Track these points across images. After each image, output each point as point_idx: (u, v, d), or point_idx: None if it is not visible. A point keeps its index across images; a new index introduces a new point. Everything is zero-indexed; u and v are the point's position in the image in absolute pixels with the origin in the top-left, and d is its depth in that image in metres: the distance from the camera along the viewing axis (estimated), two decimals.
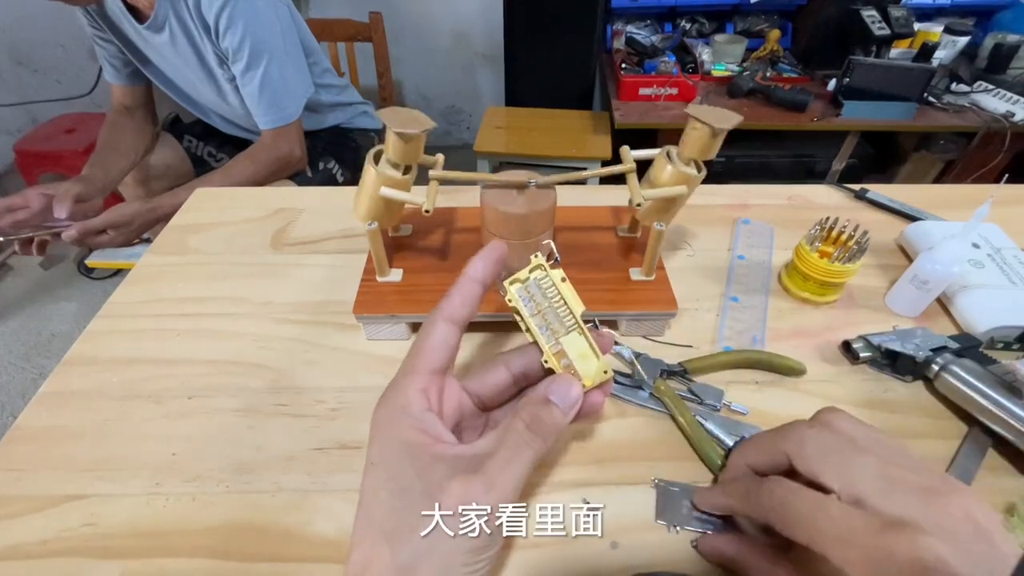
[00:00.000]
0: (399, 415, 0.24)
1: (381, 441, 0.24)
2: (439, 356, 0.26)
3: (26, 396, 1.38)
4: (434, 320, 0.26)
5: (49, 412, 0.44)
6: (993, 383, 0.39)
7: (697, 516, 0.35)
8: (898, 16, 1.40)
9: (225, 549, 0.35)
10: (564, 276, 0.26)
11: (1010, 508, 0.36)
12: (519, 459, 0.23)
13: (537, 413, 0.24)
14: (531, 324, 0.27)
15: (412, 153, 0.40)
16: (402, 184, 0.42)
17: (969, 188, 0.70)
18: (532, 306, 0.27)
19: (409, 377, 0.25)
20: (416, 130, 0.38)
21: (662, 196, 0.43)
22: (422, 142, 0.40)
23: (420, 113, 0.39)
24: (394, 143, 0.39)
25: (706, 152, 0.41)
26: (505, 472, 0.23)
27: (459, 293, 0.26)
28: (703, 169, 0.43)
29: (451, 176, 0.43)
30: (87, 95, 1.68)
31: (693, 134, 0.40)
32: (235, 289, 0.55)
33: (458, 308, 0.26)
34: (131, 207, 0.89)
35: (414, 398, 0.24)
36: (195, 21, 0.90)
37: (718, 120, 0.38)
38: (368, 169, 0.41)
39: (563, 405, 0.24)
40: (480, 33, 1.99)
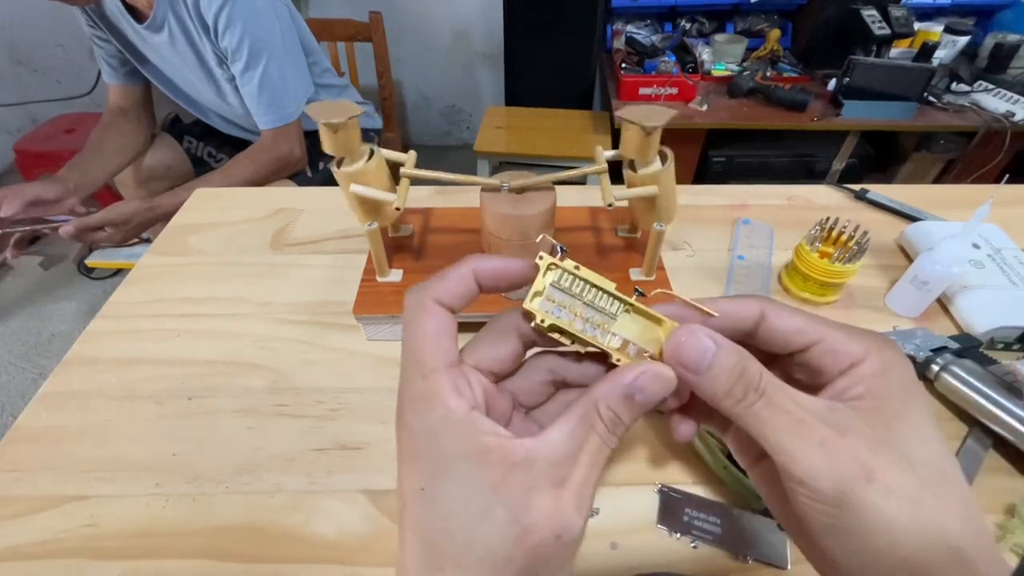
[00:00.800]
0: (445, 427, 0.19)
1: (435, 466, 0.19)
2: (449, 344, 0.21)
3: (26, 396, 1.38)
4: (421, 305, 0.21)
5: (49, 412, 0.44)
6: (993, 383, 0.39)
7: (698, 524, 0.36)
8: (898, 16, 1.40)
9: (225, 549, 0.35)
10: (576, 264, 0.22)
11: (1010, 508, 0.36)
12: (598, 464, 0.20)
13: (620, 410, 0.20)
14: (579, 334, 0.22)
15: (346, 143, 0.40)
16: (366, 175, 0.42)
17: (969, 188, 0.70)
18: (567, 313, 0.22)
19: (432, 379, 0.20)
20: (342, 118, 0.38)
21: (635, 196, 0.43)
22: (353, 130, 0.40)
23: (348, 102, 0.39)
24: (325, 135, 0.39)
25: (645, 151, 0.40)
26: (589, 481, 0.20)
27: (454, 279, 0.22)
28: (668, 157, 0.42)
29: (422, 175, 0.43)
30: (87, 95, 1.68)
31: (627, 135, 0.40)
32: (235, 289, 0.55)
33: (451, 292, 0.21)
34: (130, 205, 0.88)
35: (453, 401, 0.19)
36: (194, 21, 0.90)
37: (648, 119, 0.38)
38: (335, 174, 0.42)
39: (645, 398, 0.20)
40: (480, 33, 1.99)
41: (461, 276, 0.22)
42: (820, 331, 0.20)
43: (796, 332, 0.20)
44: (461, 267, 0.22)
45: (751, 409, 0.19)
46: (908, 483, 0.17)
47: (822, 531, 0.18)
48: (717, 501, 0.37)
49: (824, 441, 0.18)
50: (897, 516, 0.17)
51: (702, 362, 0.19)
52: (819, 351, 0.20)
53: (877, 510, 0.17)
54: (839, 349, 0.20)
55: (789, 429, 0.18)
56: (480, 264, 0.22)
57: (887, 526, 0.17)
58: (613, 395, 0.20)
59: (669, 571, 0.34)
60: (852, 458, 0.18)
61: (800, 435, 0.18)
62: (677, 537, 0.35)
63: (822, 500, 0.18)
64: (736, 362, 0.19)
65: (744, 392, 0.19)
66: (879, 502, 0.17)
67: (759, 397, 0.19)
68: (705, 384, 0.20)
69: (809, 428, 0.18)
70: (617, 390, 0.20)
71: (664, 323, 0.22)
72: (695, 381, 0.20)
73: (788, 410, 0.19)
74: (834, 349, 0.20)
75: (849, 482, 0.17)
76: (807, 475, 0.18)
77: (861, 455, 0.18)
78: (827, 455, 0.18)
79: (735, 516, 0.36)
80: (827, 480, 0.17)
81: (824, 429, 0.18)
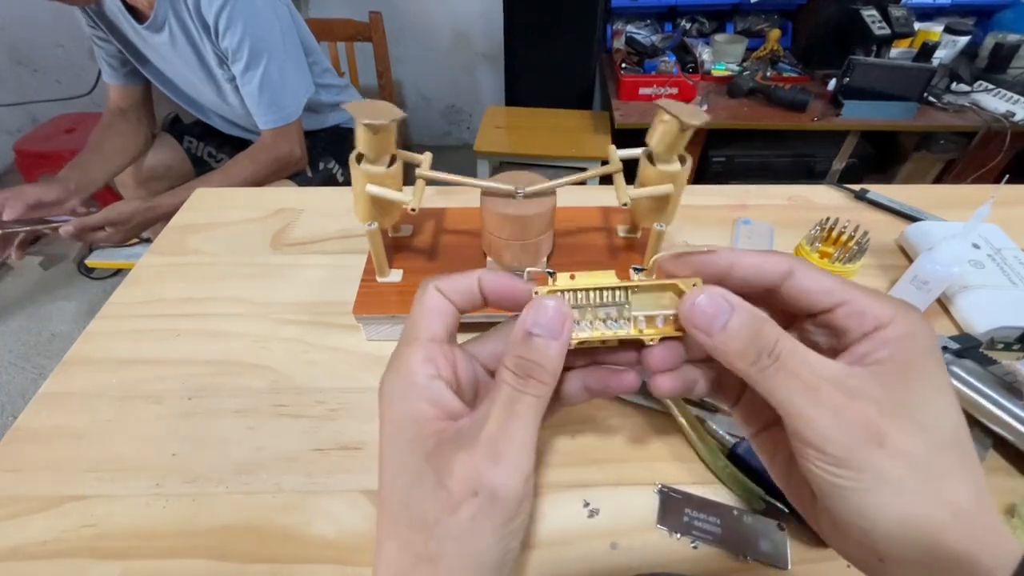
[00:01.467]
0: (404, 386, 0.21)
1: (388, 419, 0.21)
2: (438, 323, 0.22)
3: (26, 396, 1.38)
4: (425, 289, 0.23)
5: (49, 412, 0.44)
6: (993, 383, 0.39)
7: (698, 524, 0.36)
8: (898, 16, 1.40)
9: (225, 550, 0.35)
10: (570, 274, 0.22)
11: (1010, 509, 0.36)
12: (518, 413, 0.20)
13: (520, 352, 0.20)
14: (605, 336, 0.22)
15: (382, 145, 0.40)
16: (386, 178, 0.42)
17: (969, 188, 0.70)
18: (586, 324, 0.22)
19: (411, 346, 0.22)
20: (384, 120, 0.37)
21: (650, 195, 0.43)
22: (392, 133, 0.40)
23: (388, 104, 0.39)
24: (363, 135, 0.39)
25: (673, 147, 0.40)
26: (507, 433, 0.19)
27: (460, 277, 0.23)
28: (687, 161, 0.42)
29: (438, 177, 0.43)
30: (87, 95, 1.68)
31: (661, 126, 0.40)
32: (235, 289, 0.55)
33: (454, 285, 0.23)
34: (129, 205, 0.88)
35: (419, 367, 0.21)
36: (195, 21, 0.90)
37: (687, 115, 0.38)
38: (353, 170, 0.42)
39: (544, 329, 0.20)
40: (480, 33, 1.99)
41: (466, 279, 0.23)
42: (848, 292, 0.20)
43: (824, 292, 0.20)
44: (470, 272, 0.23)
45: (765, 372, 0.19)
46: (919, 447, 0.17)
47: (830, 493, 0.18)
48: (717, 501, 0.37)
49: (836, 406, 0.18)
50: (905, 479, 0.17)
51: (715, 323, 0.19)
52: (845, 312, 0.20)
53: (886, 473, 0.17)
54: (866, 311, 0.19)
55: (802, 393, 0.18)
56: (487, 276, 0.23)
57: (895, 488, 0.17)
58: (513, 342, 0.20)
59: (669, 571, 0.34)
60: (863, 422, 0.18)
61: (813, 400, 0.18)
62: (677, 537, 0.35)
63: (832, 463, 0.18)
64: (750, 323, 0.19)
65: (758, 355, 0.19)
66: (887, 465, 0.17)
67: (773, 361, 0.19)
68: (719, 345, 0.19)
69: (823, 393, 0.18)
70: (515, 337, 0.20)
71: (674, 284, 0.22)
72: (709, 343, 0.20)
73: (802, 375, 0.18)
74: (860, 311, 0.19)
75: (860, 445, 0.17)
76: (818, 438, 0.18)
77: (872, 419, 0.18)
78: (838, 419, 0.18)
79: (735, 516, 0.36)
80: (837, 443, 0.17)
81: (837, 394, 0.18)
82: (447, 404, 0.21)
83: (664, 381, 0.22)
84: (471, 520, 0.19)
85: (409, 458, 0.20)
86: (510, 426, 0.20)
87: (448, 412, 0.21)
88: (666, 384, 0.22)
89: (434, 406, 0.21)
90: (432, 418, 0.21)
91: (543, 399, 0.20)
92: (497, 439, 0.19)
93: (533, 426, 0.20)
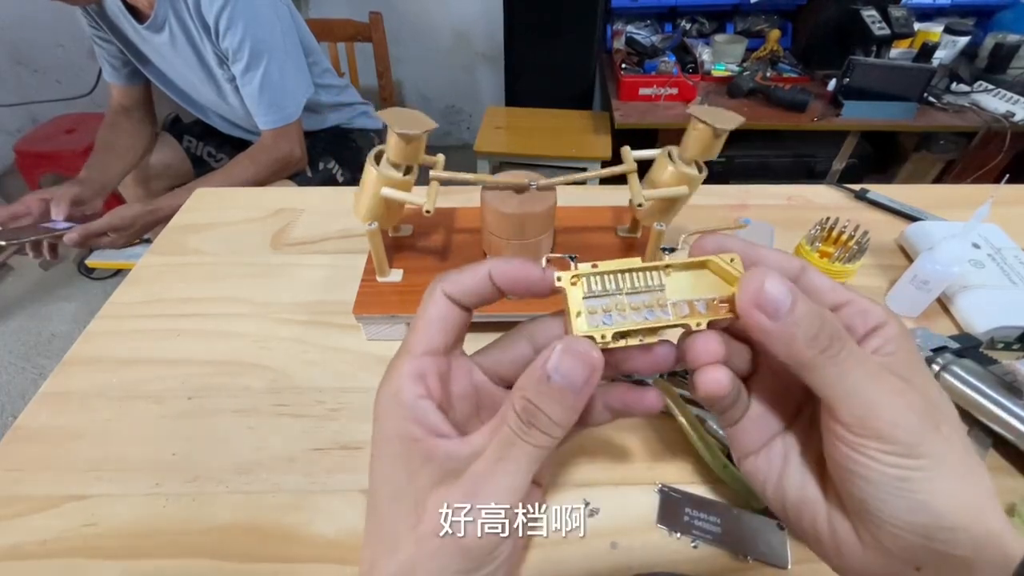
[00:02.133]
0: (391, 404, 0.20)
1: (378, 432, 0.20)
2: (437, 334, 0.21)
3: (26, 396, 1.37)
4: (432, 292, 0.21)
5: (49, 412, 0.44)
6: (993, 383, 0.39)
7: (698, 524, 0.36)
8: (898, 16, 1.40)
9: (225, 549, 0.35)
10: (592, 263, 0.20)
11: (1010, 508, 0.36)
12: (510, 460, 0.18)
13: (531, 396, 0.18)
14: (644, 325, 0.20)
15: (413, 153, 0.40)
16: (403, 184, 0.42)
17: (969, 188, 0.70)
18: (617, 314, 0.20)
19: (402, 359, 0.21)
20: (418, 131, 0.38)
21: (663, 196, 0.43)
22: (423, 143, 0.40)
23: (421, 113, 0.39)
24: (396, 144, 0.39)
25: (707, 152, 0.41)
26: (493, 477, 0.18)
27: (469, 275, 0.21)
28: (704, 169, 0.43)
29: (453, 177, 0.43)
30: (87, 95, 1.68)
31: (694, 134, 0.40)
32: (235, 289, 0.55)
33: (462, 288, 0.21)
34: (132, 210, 0.89)
35: (406, 384, 0.20)
36: (195, 21, 0.90)
37: (720, 121, 0.38)
38: (369, 170, 0.41)
39: (564, 378, 0.18)
40: (480, 33, 1.99)
41: (477, 274, 0.21)
42: (849, 293, 0.20)
43: (831, 290, 0.20)
44: (480, 266, 0.21)
45: (837, 358, 0.18)
46: (958, 439, 0.18)
47: (884, 488, 0.17)
48: (717, 501, 0.37)
49: (900, 391, 0.18)
50: (959, 463, 0.17)
51: (782, 306, 0.18)
52: (850, 311, 0.20)
53: (945, 457, 0.17)
54: (867, 310, 0.19)
55: (872, 378, 0.18)
56: (499, 266, 0.21)
57: (953, 472, 0.17)
58: (528, 381, 0.19)
59: (669, 571, 0.34)
60: (925, 407, 0.17)
61: (882, 384, 0.18)
62: (677, 537, 0.35)
63: (900, 452, 0.17)
64: (816, 309, 0.18)
65: (830, 340, 0.18)
66: (945, 450, 0.17)
67: (843, 346, 0.18)
68: (783, 331, 0.18)
69: (887, 378, 0.18)
70: (531, 374, 0.19)
71: (711, 262, 0.20)
72: (770, 328, 0.18)
73: (867, 361, 0.18)
74: (864, 309, 0.20)
75: (926, 430, 0.17)
76: (888, 426, 0.17)
77: (928, 407, 0.18)
78: (905, 403, 0.17)
79: (735, 516, 0.36)
80: (908, 429, 0.17)
81: (896, 380, 0.18)
82: (434, 425, 0.20)
83: (717, 375, 0.20)
84: (431, 558, 0.18)
85: (393, 471, 0.20)
86: (498, 470, 0.18)
87: (435, 432, 0.20)
88: (721, 379, 0.20)
89: (420, 426, 0.20)
90: (419, 437, 0.20)
91: (546, 451, 0.19)
92: (480, 481, 0.18)
93: (525, 475, 0.19)
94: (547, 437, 0.19)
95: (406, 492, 0.19)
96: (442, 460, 0.19)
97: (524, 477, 0.19)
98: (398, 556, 0.19)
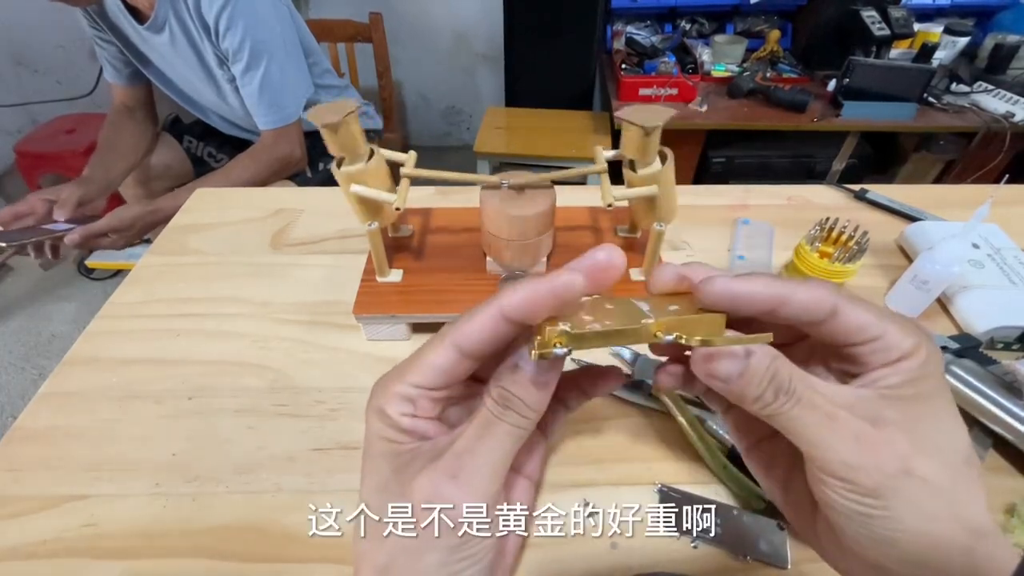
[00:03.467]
0: (377, 414, 0.21)
1: (368, 427, 0.21)
2: (436, 379, 0.20)
3: (26, 396, 1.37)
4: (441, 340, 0.20)
5: (49, 412, 0.44)
6: (993, 383, 0.39)
7: (698, 524, 0.35)
8: (898, 16, 1.40)
9: (225, 549, 0.35)
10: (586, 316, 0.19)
11: (1010, 508, 0.36)
12: (490, 437, 0.19)
13: (505, 383, 0.20)
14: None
15: (347, 142, 0.40)
16: (367, 176, 0.42)
17: (969, 188, 0.70)
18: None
19: (392, 381, 0.21)
20: (337, 117, 0.38)
21: (634, 196, 0.43)
22: (350, 127, 0.40)
23: (346, 100, 0.40)
24: (327, 136, 0.39)
25: (645, 151, 0.40)
26: (473, 455, 0.19)
27: (480, 322, 0.19)
28: (668, 157, 0.42)
29: (423, 174, 0.43)
30: (87, 96, 1.68)
31: (627, 136, 0.40)
32: (235, 289, 0.55)
33: (472, 339, 0.20)
34: (132, 211, 0.89)
35: (394, 402, 0.21)
36: (195, 22, 0.90)
37: (647, 119, 0.38)
38: (335, 174, 0.42)
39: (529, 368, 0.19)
40: (480, 33, 1.99)
41: (485, 325, 0.19)
42: (881, 327, 0.19)
43: (860, 330, 0.19)
44: (488, 315, 0.19)
45: (783, 410, 0.18)
46: (943, 474, 0.17)
47: (851, 520, 0.18)
48: (717, 501, 0.37)
49: (859, 434, 0.18)
50: (931, 505, 0.17)
51: (732, 374, 0.19)
52: (872, 348, 0.19)
53: (916, 500, 0.17)
54: (893, 346, 0.19)
55: (821, 424, 0.18)
56: (509, 300, 0.19)
57: (922, 514, 0.17)
58: (502, 371, 0.20)
59: (669, 571, 0.34)
60: (890, 451, 0.18)
61: (833, 430, 0.18)
62: (677, 537, 0.35)
63: (861, 492, 0.17)
64: (767, 367, 0.18)
65: (775, 395, 0.18)
66: (918, 494, 0.17)
67: (789, 398, 0.18)
68: (734, 392, 0.19)
69: (842, 422, 0.18)
70: (505, 365, 0.20)
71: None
72: (722, 389, 0.19)
73: (818, 405, 0.18)
74: (888, 347, 0.19)
75: (889, 475, 0.17)
76: (843, 469, 0.18)
77: (899, 447, 0.18)
78: (863, 448, 0.18)
79: (735, 516, 0.36)
80: (866, 473, 0.17)
81: (857, 422, 0.18)
82: (422, 432, 0.21)
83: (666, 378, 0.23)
84: (412, 551, 0.19)
85: (379, 465, 0.21)
86: (479, 446, 0.19)
87: (421, 437, 0.21)
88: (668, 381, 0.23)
89: (405, 434, 0.21)
90: (404, 441, 0.21)
91: (522, 431, 0.20)
92: (462, 456, 0.19)
93: (504, 452, 0.20)
94: (523, 419, 0.20)
95: (391, 483, 0.20)
96: (427, 452, 0.20)
97: (504, 454, 0.20)
98: (383, 550, 0.19)
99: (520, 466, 0.24)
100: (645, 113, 0.39)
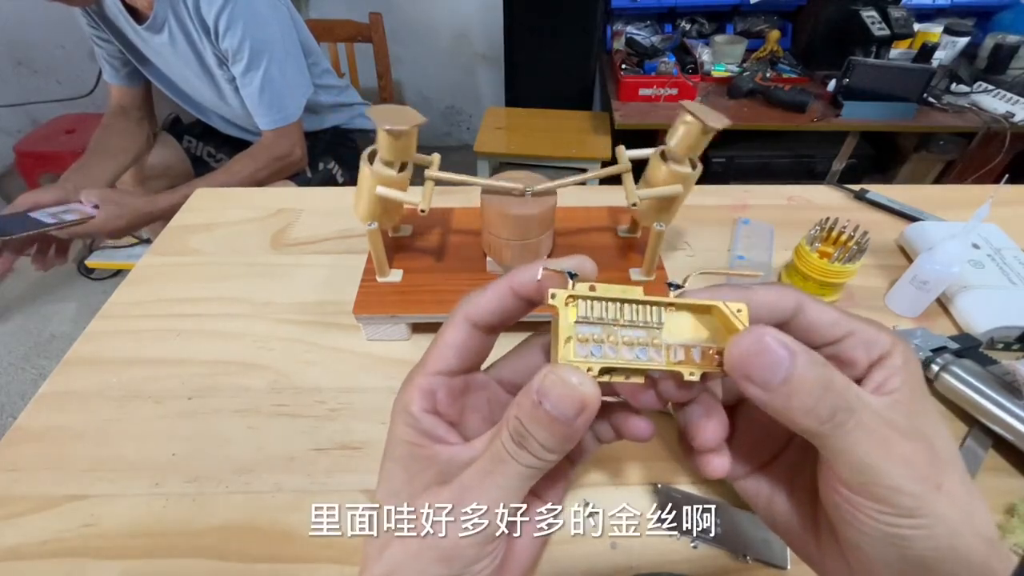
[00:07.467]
0: (400, 412, 0.21)
1: (390, 431, 0.21)
2: (453, 358, 0.21)
3: (26, 396, 1.37)
4: (453, 316, 0.21)
5: (49, 412, 0.44)
6: (993, 383, 0.39)
7: (698, 524, 0.36)
8: (898, 17, 1.40)
9: (225, 549, 0.35)
10: (590, 284, 0.19)
11: (1010, 508, 0.36)
12: (499, 475, 0.18)
13: (525, 421, 0.18)
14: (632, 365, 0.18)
15: (403, 150, 0.40)
16: (398, 182, 0.42)
17: (969, 188, 0.70)
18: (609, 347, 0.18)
19: (416, 374, 0.21)
20: (405, 126, 0.37)
21: (658, 195, 0.43)
22: (413, 138, 0.40)
23: (410, 108, 0.39)
24: (384, 140, 0.39)
25: (693, 148, 0.41)
26: (481, 487, 0.18)
27: (493, 295, 0.20)
28: (698, 166, 0.43)
29: (447, 177, 0.43)
30: (87, 96, 1.68)
31: (683, 128, 0.40)
32: (235, 289, 0.55)
33: (484, 311, 0.20)
34: (127, 196, 0.87)
35: (415, 396, 0.21)
36: (194, 22, 0.90)
37: (710, 118, 0.38)
38: (363, 169, 0.41)
39: (555, 407, 0.17)
40: (480, 33, 1.99)
41: (498, 291, 0.20)
42: (852, 322, 0.19)
43: (832, 324, 0.19)
44: (501, 281, 0.21)
45: (843, 428, 0.16)
46: (960, 485, 0.17)
47: (880, 542, 0.17)
48: (717, 501, 0.37)
49: (908, 457, 0.17)
50: (958, 519, 0.17)
51: (775, 376, 0.16)
52: (852, 343, 0.19)
53: (946, 516, 0.17)
54: (871, 340, 0.18)
55: (879, 447, 0.16)
56: (517, 277, 0.20)
57: (953, 529, 0.17)
58: (522, 400, 0.18)
59: (669, 571, 0.34)
60: (925, 467, 0.17)
61: (890, 453, 0.16)
62: (677, 537, 0.35)
63: (899, 514, 0.16)
64: (820, 375, 0.16)
65: (832, 411, 0.16)
66: (948, 509, 0.17)
67: (850, 417, 0.16)
68: (778, 401, 0.16)
69: (894, 444, 0.17)
70: (526, 394, 0.18)
71: (716, 308, 0.19)
72: (763, 398, 0.17)
73: (875, 428, 0.17)
74: (867, 341, 0.18)
75: (927, 493, 0.17)
76: (890, 491, 0.16)
77: (928, 460, 0.17)
78: (913, 472, 0.17)
79: (735, 516, 0.36)
80: (908, 494, 0.16)
81: (904, 443, 0.17)
82: (440, 436, 0.21)
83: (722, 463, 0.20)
84: (413, 559, 0.19)
85: (395, 471, 0.21)
86: (487, 483, 0.18)
87: (440, 441, 0.21)
88: (724, 464, 0.20)
89: (425, 436, 0.20)
90: (423, 444, 0.20)
91: (536, 472, 0.18)
92: (467, 492, 0.18)
93: (512, 491, 0.18)
94: (538, 460, 0.18)
95: (402, 491, 0.20)
96: (443, 464, 0.20)
97: (512, 494, 0.18)
98: (386, 554, 0.19)
99: (540, 491, 0.22)
100: (708, 113, 0.39)
